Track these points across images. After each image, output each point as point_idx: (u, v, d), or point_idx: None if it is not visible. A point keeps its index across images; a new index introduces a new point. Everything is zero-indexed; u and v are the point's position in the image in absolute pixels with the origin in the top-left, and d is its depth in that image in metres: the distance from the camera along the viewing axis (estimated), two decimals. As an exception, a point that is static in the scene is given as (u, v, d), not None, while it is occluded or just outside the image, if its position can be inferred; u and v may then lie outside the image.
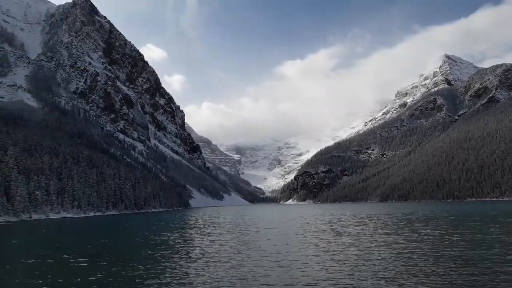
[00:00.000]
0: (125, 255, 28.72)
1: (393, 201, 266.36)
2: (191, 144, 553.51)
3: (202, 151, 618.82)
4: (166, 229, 57.83)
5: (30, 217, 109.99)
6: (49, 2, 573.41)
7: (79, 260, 26.27)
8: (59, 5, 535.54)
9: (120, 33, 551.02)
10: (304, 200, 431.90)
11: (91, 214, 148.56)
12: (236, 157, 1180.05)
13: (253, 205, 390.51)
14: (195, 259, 26.06)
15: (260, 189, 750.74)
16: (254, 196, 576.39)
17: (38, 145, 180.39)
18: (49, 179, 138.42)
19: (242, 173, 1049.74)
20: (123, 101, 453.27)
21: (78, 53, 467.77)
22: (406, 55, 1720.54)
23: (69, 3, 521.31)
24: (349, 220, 68.32)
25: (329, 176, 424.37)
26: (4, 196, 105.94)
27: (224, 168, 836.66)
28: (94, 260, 25.99)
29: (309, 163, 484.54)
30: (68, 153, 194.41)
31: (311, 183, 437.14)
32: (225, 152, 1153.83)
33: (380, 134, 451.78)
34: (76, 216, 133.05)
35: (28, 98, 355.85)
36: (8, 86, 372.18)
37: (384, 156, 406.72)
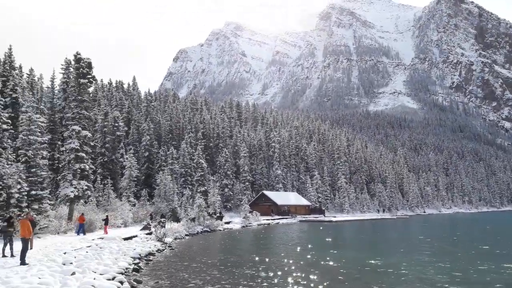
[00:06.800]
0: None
1: None
2: None
3: None
4: None
5: (424, 212, 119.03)
6: (415, 7, 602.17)
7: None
8: (425, 7, 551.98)
9: (491, 13, 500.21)
10: None
11: (484, 209, 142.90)
12: None
13: None
14: None
15: None
16: None
17: (422, 143, 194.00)
18: (437, 175, 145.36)
19: None
20: (504, 85, 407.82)
21: (448, 47, 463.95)
22: None
23: (433, 1, 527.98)
24: None
25: None
26: (399, 193, 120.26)
27: None
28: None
29: None
30: (452, 148, 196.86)
31: None
32: None
33: None
34: (467, 211, 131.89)
35: (408, 101, 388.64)
36: (390, 94, 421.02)
37: None
